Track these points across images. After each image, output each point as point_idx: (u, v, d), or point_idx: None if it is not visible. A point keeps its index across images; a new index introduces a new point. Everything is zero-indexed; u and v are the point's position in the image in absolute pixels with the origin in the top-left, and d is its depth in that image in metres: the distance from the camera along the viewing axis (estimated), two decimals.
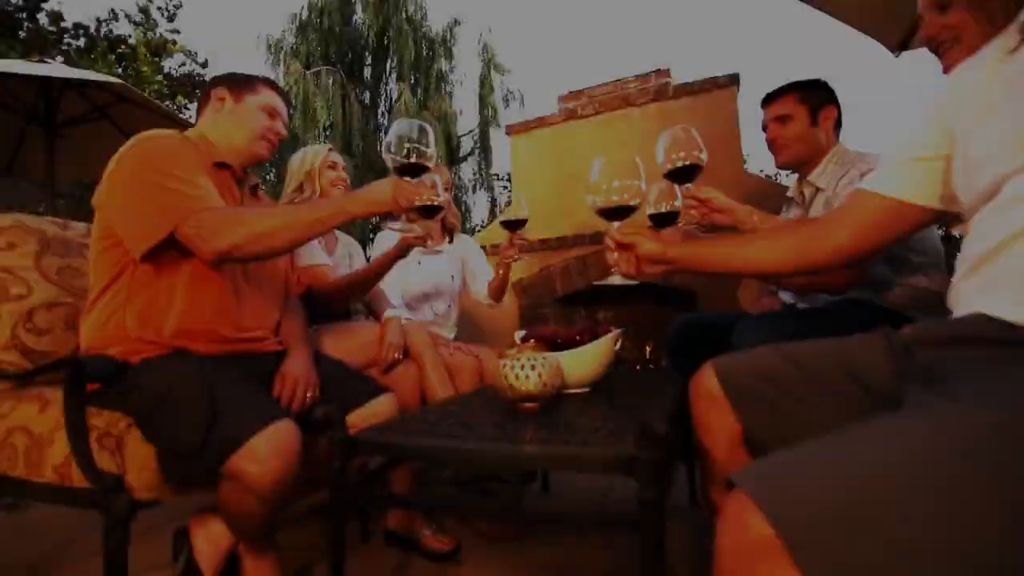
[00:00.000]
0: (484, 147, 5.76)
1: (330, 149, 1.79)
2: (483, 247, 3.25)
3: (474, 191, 5.75)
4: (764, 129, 1.58)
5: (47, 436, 1.02)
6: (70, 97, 3.11)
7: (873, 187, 0.82)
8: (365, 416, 1.17)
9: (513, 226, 1.67)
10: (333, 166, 1.75)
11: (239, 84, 1.26)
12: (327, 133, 5.19)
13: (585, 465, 0.70)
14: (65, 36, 5.78)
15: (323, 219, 1.06)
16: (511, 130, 3.41)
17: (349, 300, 1.66)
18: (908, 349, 0.67)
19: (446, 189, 1.95)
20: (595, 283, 1.20)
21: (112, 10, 6.31)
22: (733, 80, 2.80)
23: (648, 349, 3.26)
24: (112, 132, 3.45)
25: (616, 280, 1.08)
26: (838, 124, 1.51)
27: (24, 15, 5.68)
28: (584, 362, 1.19)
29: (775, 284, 1.59)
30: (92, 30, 6.08)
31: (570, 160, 3.21)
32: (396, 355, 1.52)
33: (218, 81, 1.27)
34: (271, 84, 1.31)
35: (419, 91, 5.61)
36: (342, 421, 0.87)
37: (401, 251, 1.49)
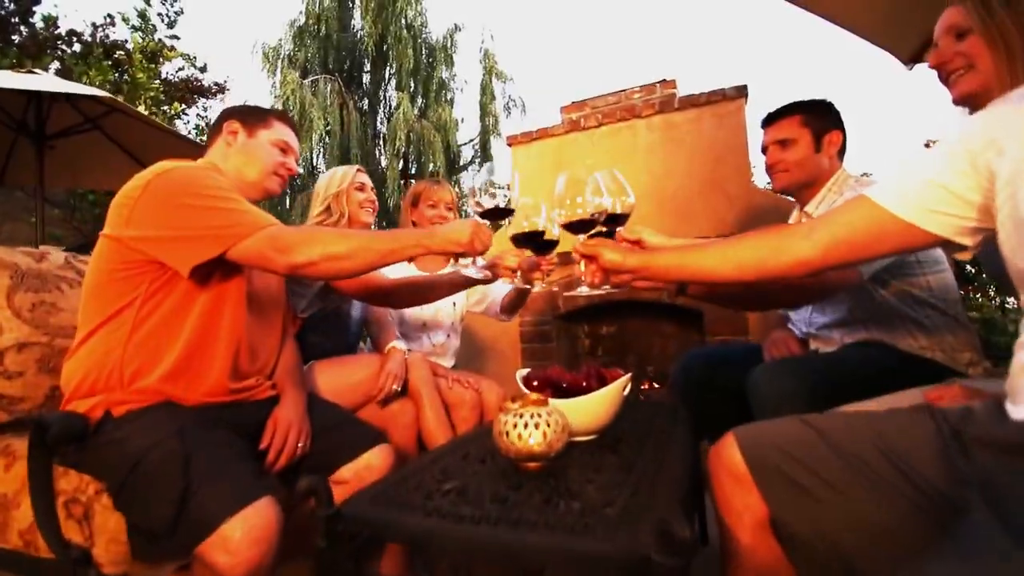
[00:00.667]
0: (485, 156, 5.66)
1: (359, 170, 1.73)
2: None
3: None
4: (763, 151, 1.50)
5: (12, 498, 0.95)
6: (60, 108, 3.04)
7: (872, 195, 0.75)
8: (357, 470, 1.11)
9: (543, 249, 1.31)
10: (361, 187, 1.68)
11: (252, 118, 1.23)
12: (324, 142, 5.11)
13: (595, 563, 0.62)
14: (59, 42, 5.70)
15: (399, 249, 1.05)
16: (512, 141, 3.33)
17: (408, 301, 1.54)
18: (961, 439, 0.60)
19: (449, 208, 1.87)
20: (566, 294, 1.18)
21: (108, 14, 6.24)
22: (741, 92, 2.72)
23: (651, 369, 3.19)
24: (103, 142, 3.38)
25: (584, 291, 1.09)
26: (842, 149, 1.43)
27: (17, 19, 5.60)
28: (592, 410, 1.11)
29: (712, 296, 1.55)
30: (88, 35, 6.00)
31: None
32: (395, 386, 1.45)
33: (230, 114, 1.24)
34: (284, 118, 1.29)
35: (419, 98, 5.51)
36: (327, 493, 0.80)
37: (487, 280, 1.39)
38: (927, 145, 4.25)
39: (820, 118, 1.40)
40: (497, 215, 1.12)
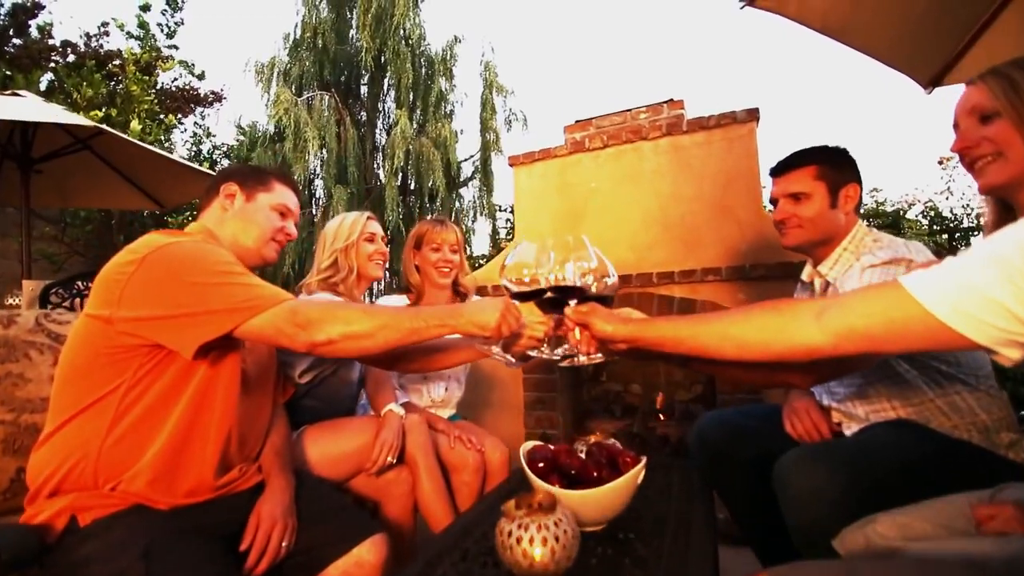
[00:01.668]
0: (485, 172, 5.50)
1: (369, 218, 1.64)
2: (484, 288, 3.08)
3: (475, 219, 5.53)
4: (772, 203, 1.39)
5: None
6: (48, 129, 2.94)
7: (909, 285, 0.65)
8: (346, 568, 1.01)
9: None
10: (371, 238, 1.60)
11: (252, 180, 1.16)
12: (321, 157, 5.01)
13: None
14: (53, 54, 5.59)
15: (422, 329, 0.99)
16: (514, 161, 3.22)
17: (419, 367, 1.36)
18: None
19: (454, 251, 1.77)
20: (562, 365, 1.10)
21: (103, 23, 6.13)
22: (752, 115, 2.62)
23: (658, 397, 3.09)
24: (94, 162, 3.29)
25: (582, 359, 1.05)
26: (859, 203, 1.31)
27: (12, 32, 5.50)
28: (604, 503, 1.01)
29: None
30: (82, 46, 5.88)
31: (577, 196, 3.05)
32: (390, 457, 1.35)
33: (229, 175, 1.16)
34: (285, 180, 1.22)
35: (417, 112, 5.39)
36: None
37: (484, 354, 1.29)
38: (940, 163, 4.14)
39: (836, 170, 1.28)
40: (530, 297, 1.05)
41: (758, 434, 1.35)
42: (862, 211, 5.00)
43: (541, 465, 1.12)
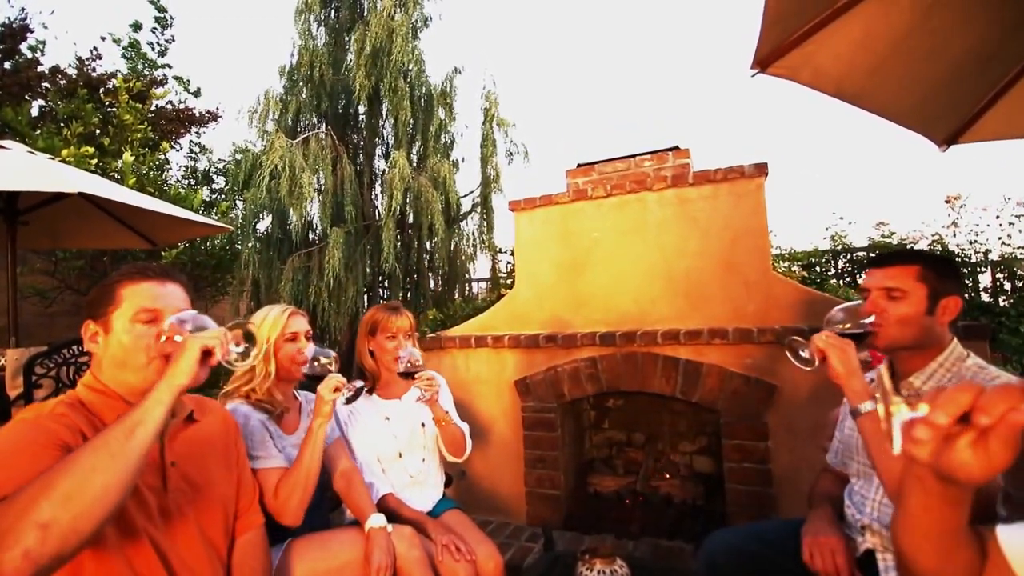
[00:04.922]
0: (486, 208, 5.38)
1: (291, 314, 1.49)
2: (484, 337, 3.00)
3: (474, 256, 5.42)
4: (862, 294, 1.29)
5: None
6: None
7: None
8: None
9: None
10: (293, 338, 1.47)
11: (100, 306, 0.96)
12: (317, 191, 4.90)
13: None
14: (42, 81, 5.49)
15: (145, 421, 0.78)
16: (515, 207, 3.15)
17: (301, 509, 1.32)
18: None
19: (408, 336, 1.75)
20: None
21: (94, 48, 6.03)
22: (761, 170, 2.54)
23: (662, 448, 3.02)
24: (86, 206, 3.20)
25: None
26: (957, 319, 1.19)
27: (2, 56, 5.40)
28: None
29: None
30: (74, 72, 5.78)
31: (579, 245, 2.97)
32: None
33: (84, 315, 0.98)
34: (135, 275, 0.97)
35: (417, 144, 5.28)
36: None
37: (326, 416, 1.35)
38: (947, 201, 4.06)
39: (941, 278, 1.18)
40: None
41: (773, 565, 1.28)
42: (867, 241, 4.83)
43: None
